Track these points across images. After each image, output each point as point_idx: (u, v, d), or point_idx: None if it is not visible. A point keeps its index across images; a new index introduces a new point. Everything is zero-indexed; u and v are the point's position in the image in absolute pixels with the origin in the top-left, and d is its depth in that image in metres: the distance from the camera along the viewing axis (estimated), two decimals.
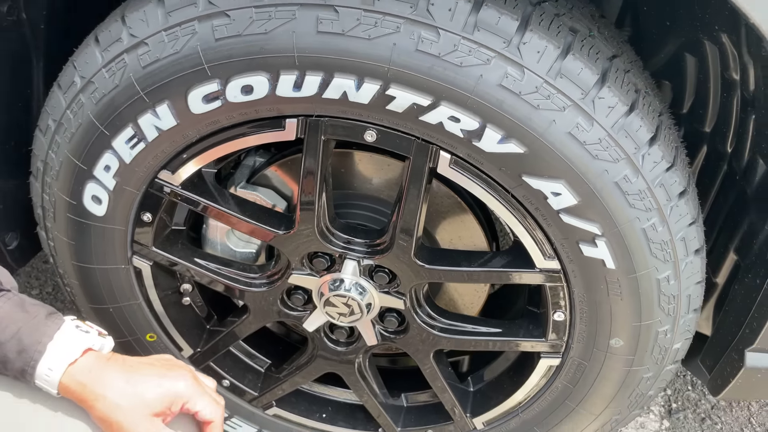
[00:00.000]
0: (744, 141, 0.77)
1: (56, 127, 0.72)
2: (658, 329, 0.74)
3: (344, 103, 0.63)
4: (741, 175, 0.80)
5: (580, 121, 0.59)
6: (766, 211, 0.73)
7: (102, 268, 0.83)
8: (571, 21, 0.61)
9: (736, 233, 0.82)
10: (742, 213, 0.80)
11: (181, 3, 0.61)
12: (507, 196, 0.66)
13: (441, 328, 0.84)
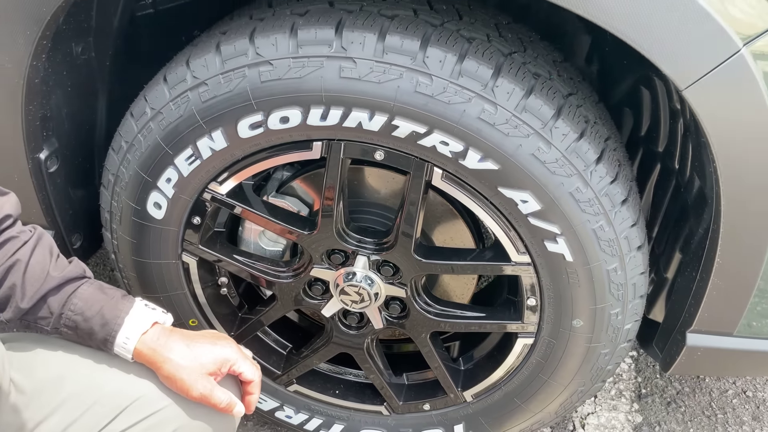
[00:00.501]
0: (686, 160, 0.94)
1: (128, 147, 0.89)
2: (611, 311, 0.90)
3: (359, 131, 0.81)
4: (684, 187, 0.97)
5: (541, 145, 0.77)
6: (700, 217, 0.90)
7: (156, 262, 1.00)
8: (534, 68, 0.78)
9: (680, 235, 0.99)
10: (685, 219, 0.98)
11: (234, 53, 0.79)
12: (486, 203, 0.83)
13: (436, 313, 1.00)
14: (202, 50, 0.81)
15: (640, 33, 0.66)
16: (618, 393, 1.38)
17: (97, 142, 1.09)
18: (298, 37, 0.77)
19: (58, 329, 0.80)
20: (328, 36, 0.76)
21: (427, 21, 0.76)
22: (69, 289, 0.80)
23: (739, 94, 0.69)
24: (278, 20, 0.79)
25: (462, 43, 0.75)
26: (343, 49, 0.75)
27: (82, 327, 0.79)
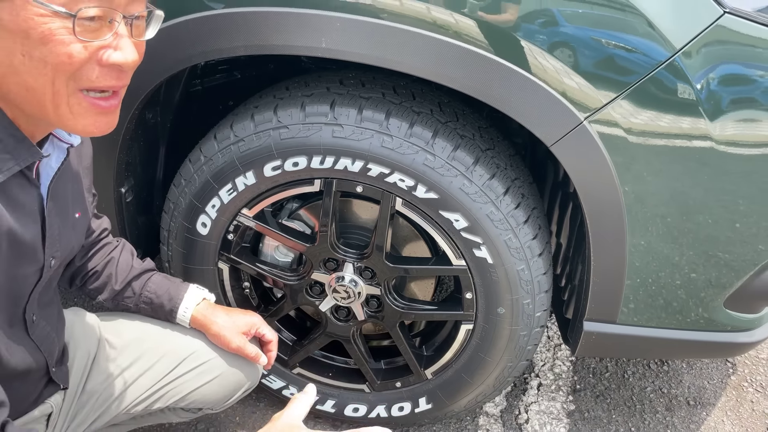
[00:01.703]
0: None
1: (186, 183, 1.28)
2: (524, 302, 1.26)
3: (345, 172, 1.18)
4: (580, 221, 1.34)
5: (465, 182, 1.14)
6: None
7: (199, 268, 1.37)
8: (462, 131, 1.17)
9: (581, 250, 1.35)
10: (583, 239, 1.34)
11: (263, 120, 1.18)
12: (432, 222, 1.20)
13: (402, 306, 1.35)
14: (241, 118, 1.20)
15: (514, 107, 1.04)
16: (557, 387, 1.71)
17: (156, 181, 1.48)
18: (305, 111, 1.16)
19: (138, 305, 1.16)
20: (325, 110, 1.15)
21: (390, 101, 1.16)
22: (146, 277, 1.17)
23: (587, 154, 1.06)
24: (293, 99, 1.19)
25: (413, 115, 1.14)
26: (335, 119, 1.14)
27: (155, 302, 1.15)
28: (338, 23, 1.01)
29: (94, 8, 0.68)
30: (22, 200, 0.79)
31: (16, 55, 0.68)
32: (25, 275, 0.84)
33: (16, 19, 0.66)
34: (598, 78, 1.00)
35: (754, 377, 1.74)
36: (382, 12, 1.01)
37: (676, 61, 0.98)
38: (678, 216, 1.12)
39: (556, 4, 0.98)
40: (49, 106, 0.72)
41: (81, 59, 0.69)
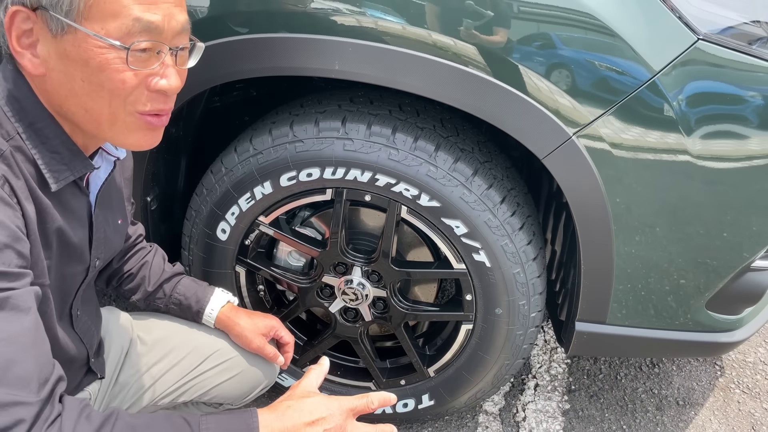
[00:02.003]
0: None
1: (207, 192, 1.38)
2: (520, 303, 1.35)
3: (355, 182, 1.29)
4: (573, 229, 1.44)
5: (464, 192, 1.24)
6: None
7: (218, 271, 1.47)
8: (462, 145, 1.27)
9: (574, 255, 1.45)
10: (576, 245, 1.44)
11: (280, 135, 1.29)
12: (435, 229, 1.30)
13: (407, 308, 1.45)
14: (260, 132, 1.31)
15: (508, 123, 1.15)
16: (553, 388, 1.79)
17: (177, 191, 1.59)
18: (319, 126, 1.27)
19: (168, 306, 1.26)
20: (337, 125, 1.26)
21: (396, 117, 1.27)
22: (176, 280, 1.27)
23: (576, 166, 1.16)
24: (307, 115, 1.30)
25: (417, 131, 1.25)
26: (346, 134, 1.25)
27: (184, 303, 1.25)
28: (350, 48, 1.12)
29: (145, 42, 0.79)
30: (73, 206, 0.90)
31: (76, 80, 0.79)
32: (73, 273, 0.94)
33: (77, 49, 0.78)
34: (585, 96, 1.11)
35: (741, 379, 1.83)
36: (389, 37, 1.12)
37: (656, 82, 1.08)
38: (661, 224, 1.21)
39: (545, 29, 1.09)
40: (105, 123, 0.83)
41: (132, 85, 0.80)
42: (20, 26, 0.78)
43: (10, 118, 0.80)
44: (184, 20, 0.84)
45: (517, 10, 1.08)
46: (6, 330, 0.71)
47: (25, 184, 0.80)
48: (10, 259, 0.74)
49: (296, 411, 0.87)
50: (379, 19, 1.11)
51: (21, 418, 0.68)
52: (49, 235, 0.85)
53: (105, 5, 0.77)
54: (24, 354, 0.71)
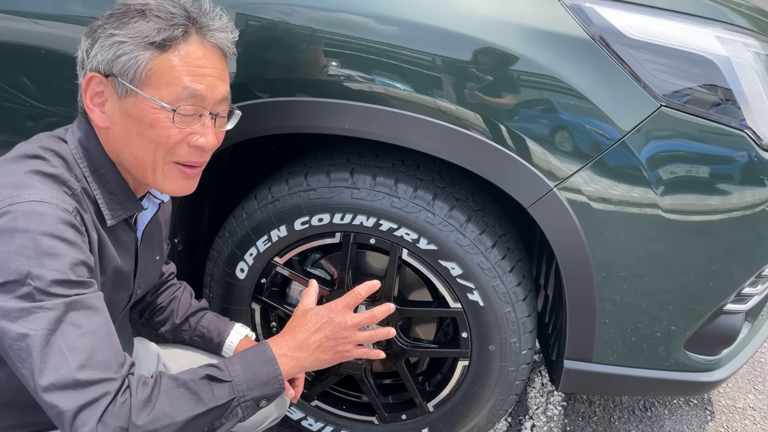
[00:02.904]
0: None
1: (229, 235, 1.54)
2: (511, 340, 1.46)
3: (361, 227, 1.43)
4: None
5: (459, 237, 1.38)
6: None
7: (235, 308, 1.60)
8: (457, 195, 1.42)
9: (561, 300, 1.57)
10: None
11: (295, 184, 1.44)
12: (432, 270, 1.43)
13: (408, 344, 1.57)
14: (278, 182, 1.47)
15: (496, 175, 1.30)
16: (549, 429, 1.87)
17: (201, 234, 1.74)
18: (330, 176, 1.43)
19: (192, 338, 1.39)
20: (346, 176, 1.42)
21: (399, 169, 1.42)
22: (201, 314, 1.41)
23: (558, 216, 1.30)
24: (319, 167, 1.45)
25: (417, 182, 1.40)
26: (354, 183, 1.41)
27: (207, 336, 1.38)
28: (358, 110, 1.29)
29: (190, 106, 0.98)
30: (123, 240, 1.06)
31: (132, 133, 0.98)
32: (119, 299, 1.09)
33: (136, 109, 0.96)
34: (563, 153, 1.26)
35: (731, 424, 1.90)
36: (393, 100, 1.28)
37: (626, 142, 1.23)
38: (639, 271, 1.34)
39: (526, 94, 1.25)
40: (149, 171, 1.00)
41: (176, 140, 0.98)
42: (94, 88, 0.98)
43: (80, 163, 0.98)
44: (225, 91, 1.03)
45: (503, 80, 1.25)
46: (87, 324, 0.87)
47: (90, 217, 0.96)
48: (83, 271, 0.90)
49: (302, 326, 1.07)
50: (388, 86, 1.28)
51: (107, 390, 0.87)
52: (105, 262, 1.01)
53: (161, 75, 0.96)
54: (103, 343, 0.88)
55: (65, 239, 0.89)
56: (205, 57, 0.99)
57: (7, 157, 0.98)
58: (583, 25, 1.23)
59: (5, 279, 0.86)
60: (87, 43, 0.99)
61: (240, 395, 0.98)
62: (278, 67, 1.31)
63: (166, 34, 0.95)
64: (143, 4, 0.96)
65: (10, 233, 0.86)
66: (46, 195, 0.91)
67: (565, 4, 1.26)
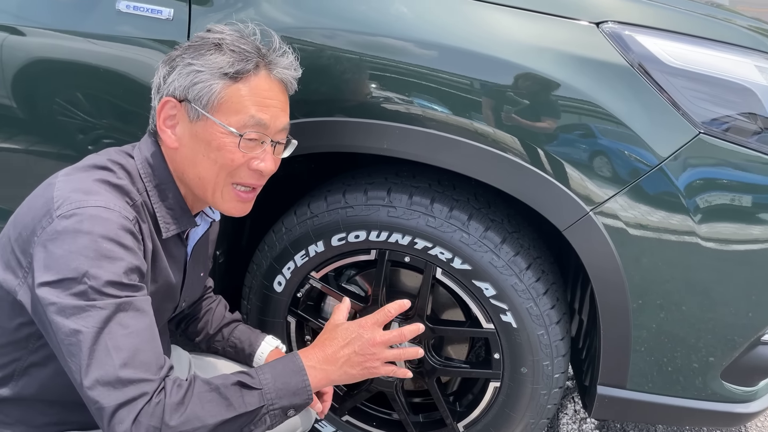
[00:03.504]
0: None
1: (269, 249, 1.58)
2: (543, 363, 1.46)
3: (396, 245, 1.46)
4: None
5: (493, 257, 1.40)
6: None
7: (271, 320, 1.64)
8: (492, 216, 1.43)
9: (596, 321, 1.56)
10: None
11: (334, 201, 1.48)
12: (466, 289, 1.45)
13: (440, 363, 1.58)
14: (317, 199, 1.51)
15: (532, 197, 1.31)
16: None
17: (241, 247, 1.79)
18: (367, 195, 1.46)
19: (225, 348, 1.44)
20: (383, 195, 1.45)
21: (435, 189, 1.45)
22: (233, 325, 1.45)
23: (594, 240, 1.31)
24: (358, 186, 1.49)
25: (452, 202, 1.42)
26: (390, 202, 1.44)
27: (238, 346, 1.43)
28: (397, 131, 1.32)
29: (254, 133, 1.06)
30: (174, 253, 1.12)
31: (198, 155, 1.06)
32: (165, 309, 1.15)
33: (205, 132, 1.05)
34: (600, 177, 1.26)
35: None
36: (430, 122, 1.32)
37: (664, 168, 1.24)
38: (676, 299, 1.33)
39: (565, 119, 1.27)
40: (209, 190, 1.07)
41: (239, 163, 1.06)
42: (168, 111, 1.06)
43: (143, 178, 1.06)
44: (286, 122, 1.12)
45: (541, 104, 1.27)
46: (133, 326, 0.92)
47: (147, 228, 1.03)
48: (135, 276, 0.97)
49: (332, 340, 1.09)
50: (426, 108, 1.32)
51: (145, 391, 0.91)
52: (157, 272, 1.07)
53: (231, 104, 1.04)
54: (146, 345, 0.93)
55: (123, 244, 0.95)
56: (271, 89, 1.08)
57: (78, 166, 1.06)
58: (622, 52, 1.25)
59: (64, 276, 0.92)
60: (165, 70, 1.08)
61: (269, 403, 1.01)
62: (319, 89, 1.36)
63: (239, 67, 1.04)
64: (219, 38, 1.04)
65: (75, 234, 0.93)
66: (110, 202, 0.98)
67: (604, 32, 1.27)
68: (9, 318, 1.03)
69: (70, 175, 1.02)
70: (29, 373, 1.06)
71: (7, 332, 1.04)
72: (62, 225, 0.93)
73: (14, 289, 1.00)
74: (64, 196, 0.96)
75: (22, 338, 1.04)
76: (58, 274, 0.92)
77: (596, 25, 1.29)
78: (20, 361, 1.05)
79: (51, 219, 0.94)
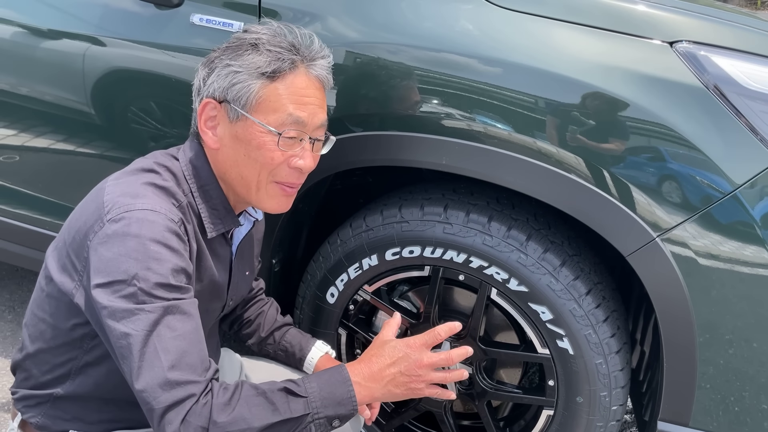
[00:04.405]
0: None
1: (323, 260, 1.59)
2: (601, 393, 1.40)
3: (450, 262, 1.44)
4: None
5: (551, 280, 1.35)
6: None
7: (323, 331, 1.63)
8: (552, 237, 1.39)
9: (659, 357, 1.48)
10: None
11: (389, 215, 1.47)
12: (521, 312, 1.41)
13: (491, 387, 1.54)
14: (373, 212, 1.51)
15: (595, 220, 1.27)
16: None
17: (296, 257, 1.81)
18: (424, 210, 1.45)
19: (276, 351, 1.45)
20: (439, 211, 1.43)
21: (493, 208, 1.42)
22: (285, 329, 1.46)
23: (659, 268, 1.24)
24: (414, 201, 1.48)
25: (511, 221, 1.39)
26: (447, 219, 1.42)
27: (289, 350, 1.43)
28: (457, 147, 1.31)
29: (293, 131, 1.07)
30: (219, 252, 1.14)
31: (239, 154, 1.07)
32: (213, 309, 1.17)
33: (245, 132, 1.06)
34: (669, 202, 1.21)
35: None
36: (491, 139, 1.30)
37: (738, 195, 1.17)
38: (747, 335, 1.25)
39: (633, 141, 1.22)
40: (253, 189, 1.08)
41: (278, 161, 1.06)
42: (209, 113, 1.08)
43: (188, 179, 1.08)
44: (323, 118, 1.11)
45: (609, 125, 1.23)
46: (180, 328, 0.94)
47: (193, 228, 1.05)
48: (182, 278, 0.99)
49: (379, 357, 1.08)
50: (488, 125, 1.30)
51: (192, 392, 0.93)
52: (203, 272, 1.09)
53: (269, 103, 1.05)
54: (192, 347, 0.95)
55: (170, 246, 0.98)
56: (308, 87, 1.07)
57: (127, 170, 1.10)
58: (697, 73, 1.20)
59: (114, 278, 0.95)
60: (204, 72, 1.10)
61: (314, 411, 1.01)
62: (380, 103, 1.36)
63: (276, 66, 1.04)
64: (256, 38, 1.06)
65: (123, 237, 0.96)
66: (156, 205, 1.00)
67: (678, 52, 1.23)
68: (65, 319, 1.08)
69: (118, 179, 1.06)
70: (85, 372, 1.10)
71: (63, 333, 1.09)
72: (112, 229, 0.97)
73: (71, 292, 1.04)
74: (113, 201, 1.00)
75: (77, 338, 1.08)
76: (109, 276, 0.95)
77: (670, 44, 1.24)
78: (76, 360, 1.09)
79: (102, 223, 0.98)
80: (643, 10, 1.30)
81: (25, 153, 1.77)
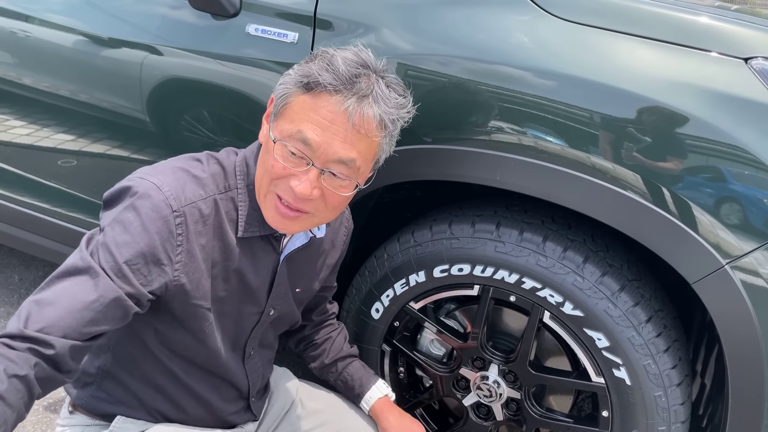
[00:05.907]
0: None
1: (369, 275, 1.56)
2: (659, 428, 1.31)
3: (501, 282, 1.38)
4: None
5: (609, 305, 1.28)
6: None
7: (366, 347, 1.59)
8: (611, 261, 1.32)
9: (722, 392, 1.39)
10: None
11: (439, 231, 1.43)
12: (575, 338, 1.34)
13: (540, 414, 1.47)
14: (421, 227, 1.47)
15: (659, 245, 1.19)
16: None
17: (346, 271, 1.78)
18: (475, 227, 1.40)
19: (336, 381, 1.42)
20: (491, 228, 1.38)
21: (548, 227, 1.36)
22: (349, 360, 1.43)
23: (728, 297, 1.16)
24: (465, 217, 1.44)
25: (567, 242, 1.33)
26: (499, 237, 1.37)
27: (349, 383, 1.40)
28: (512, 162, 1.26)
29: (294, 148, 1.00)
30: (260, 257, 1.12)
31: (261, 154, 1.08)
32: (248, 313, 1.15)
33: (266, 133, 1.07)
34: (740, 228, 1.13)
35: None
36: (542, 154, 1.24)
37: None
38: None
39: (702, 160, 1.15)
40: (261, 192, 1.07)
41: (278, 173, 1.03)
42: (268, 108, 1.09)
43: (237, 175, 1.08)
44: (345, 156, 1.00)
45: (674, 142, 1.16)
46: (80, 290, 0.93)
47: (219, 223, 1.05)
48: (134, 257, 0.97)
49: None
50: (540, 139, 1.25)
51: (12, 333, 0.89)
52: (229, 271, 1.08)
53: (292, 112, 1.03)
54: (67, 313, 0.91)
55: (144, 225, 0.97)
56: (337, 117, 0.99)
57: (186, 155, 1.12)
58: None
59: (102, 226, 1.00)
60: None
61: None
62: (432, 116, 1.33)
63: (317, 80, 0.98)
64: (325, 51, 1.03)
65: (122, 197, 1.01)
66: (167, 186, 1.00)
67: (753, 68, 1.15)
68: None
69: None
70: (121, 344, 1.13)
71: None
72: (122, 184, 1.02)
73: None
74: (140, 169, 1.04)
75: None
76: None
77: (744, 60, 1.17)
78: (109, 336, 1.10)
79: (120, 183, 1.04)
80: (717, 24, 1.23)
81: (83, 158, 1.81)
